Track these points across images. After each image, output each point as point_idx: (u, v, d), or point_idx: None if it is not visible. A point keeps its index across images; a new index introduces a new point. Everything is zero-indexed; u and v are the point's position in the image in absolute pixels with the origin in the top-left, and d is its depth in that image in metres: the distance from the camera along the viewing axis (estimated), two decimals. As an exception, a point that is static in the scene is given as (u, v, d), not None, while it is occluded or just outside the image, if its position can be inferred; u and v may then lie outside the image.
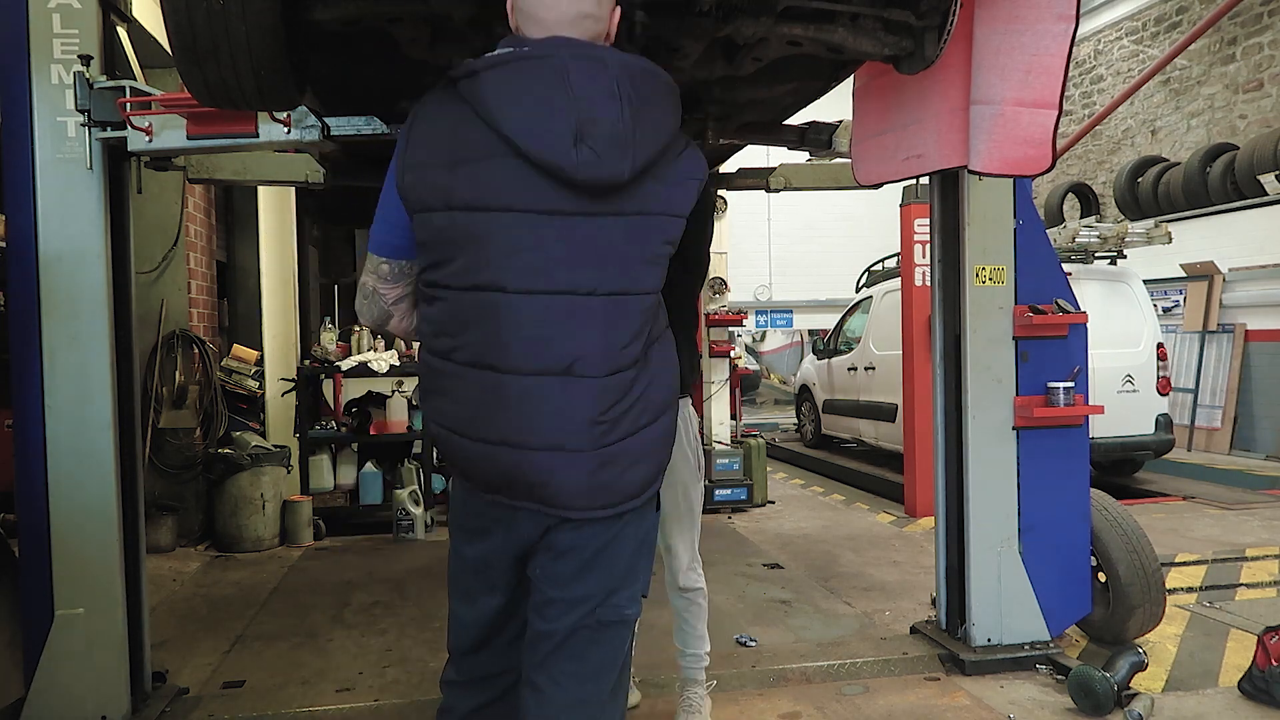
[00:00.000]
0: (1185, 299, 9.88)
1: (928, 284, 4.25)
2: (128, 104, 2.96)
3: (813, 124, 3.74)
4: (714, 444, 7.04)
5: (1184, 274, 9.79)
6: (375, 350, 6.60)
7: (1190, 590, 4.65)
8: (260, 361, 6.81)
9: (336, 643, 4.09)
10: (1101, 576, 3.79)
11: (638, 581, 1.86)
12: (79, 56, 2.95)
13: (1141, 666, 3.29)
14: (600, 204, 1.68)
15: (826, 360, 9.97)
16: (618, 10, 1.81)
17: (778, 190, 4.86)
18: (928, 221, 3.99)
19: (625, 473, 1.76)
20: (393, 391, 6.58)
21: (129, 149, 3.10)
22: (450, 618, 1.97)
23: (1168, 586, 4.12)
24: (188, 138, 3.10)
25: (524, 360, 1.69)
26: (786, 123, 3.78)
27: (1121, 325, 7.38)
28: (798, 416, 11.19)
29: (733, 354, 7.48)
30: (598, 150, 1.62)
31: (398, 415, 6.51)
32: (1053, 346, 3.69)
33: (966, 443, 3.65)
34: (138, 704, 3.18)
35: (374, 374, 6.40)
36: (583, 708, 1.79)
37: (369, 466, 6.59)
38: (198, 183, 4.49)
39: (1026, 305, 3.64)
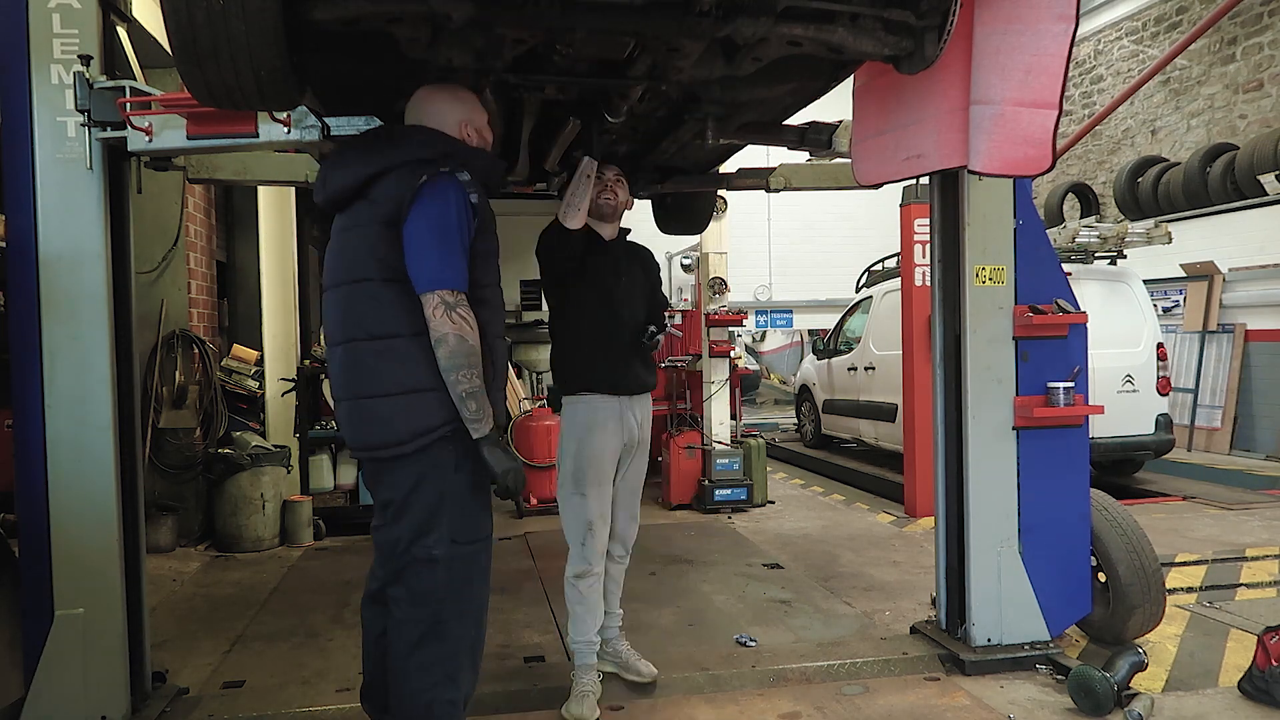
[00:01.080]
0: (1185, 299, 9.88)
1: (928, 284, 4.25)
2: (128, 104, 2.95)
3: (813, 124, 3.74)
4: (714, 444, 7.04)
5: (1184, 274, 9.79)
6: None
7: (1190, 590, 4.65)
8: (260, 361, 6.82)
9: (337, 642, 4.09)
10: (1101, 576, 3.78)
11: (440, 529, 2.37)
12: (79, 56, 2.95)
13: (1141, 666, 3.29)
14: (337, 218, 2.47)
15: (826, 360, 9.97)
16: (467, 125, 2.54)
17: (778, 190, 4.86)
18: (928, 221, 3.98)
19: (371, 426, 2.36)
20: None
21: (129, 149, 3.10)
22: None
23: (1168, 586, 4.12)
24: (188, 138, 3.10)
25: (328, 334, 2.50)
26: (786, 123, 3.78)
27: (1121, 325, 7.37)
28: (798, 416, 11.19)
29: (733, 354, 7.48)
30: (317, 183, 2.53)
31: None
32: (1053, 346, 3.69)
33: (966, 443, 3.65)
34: (138, 704, 3.18)
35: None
36: (414, 625, 2.37)
37: (369, 466, 6.58)
38: (198, 183, 4.49)
39: (1026, 305, 3.64)
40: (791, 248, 12.40)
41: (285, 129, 3.10)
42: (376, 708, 2.60)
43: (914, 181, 6.07)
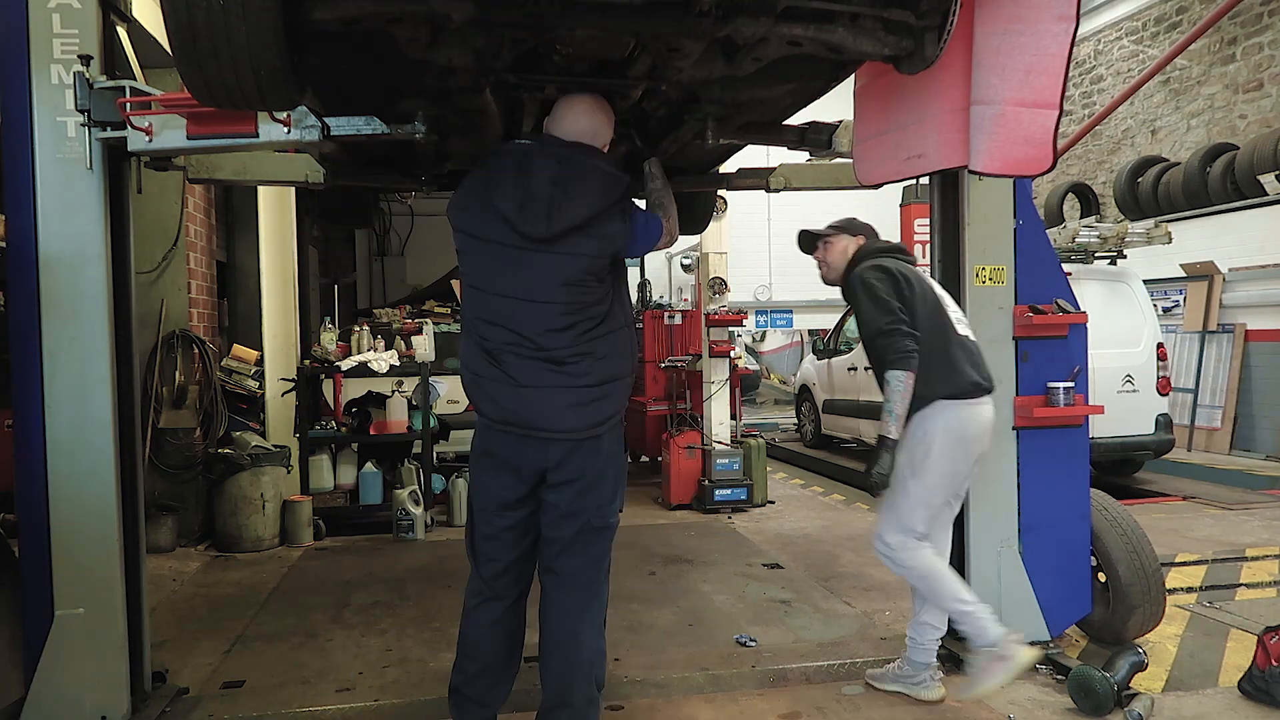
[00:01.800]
0: (1185, 299, 9.88)
1: (928, 284, 4.24)
2: (128, 104, 2.95)
3: (813, 124, 3.74)
4: (714, 444, 7.04)
5: (1184, 274, 9.79)
6: (375, 350, 6.60)
7: (1190, 590, 4.65)
8: (260, 361, 6.81)
9: (336, 643, 4.09)
10: (1101, 576, 3.78)
11: (618, 499, 2.80)
12: (79, 56, 2.95)
13: (1141, 666, 3.29)
14: (537, 244, 2.65)
15: (826, 360, 9.97)
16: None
17: (778, 190, 4.85)
18: (928, 221, 3.98)
19: (579, 411, 2.67)
20: (393, 391, 6.58)
21: (129, 149, 3.10)
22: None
23: (1168, 586, 4.12)
24: (188, 138, 3.09)
25: (496, 334, 2.69)
26: (786, 123, 3.77)
27: (1121, 325, 7.38)
28: (798, 416, 11.19)
29: (733, 354, 7.48)
30: (531, 215, 2.61)
31: (398, 415, 6.50)
32: (1053, 346, 3.69)
33: (966, 443, 3.65)
34: (138, 704, 3.18)
35: (374, 374, 6.40)
36: (584, 589, 2.73)
37: (369, 466, 6.59)
38: (198, 183, 4.48)
39: (1026, 305, 3.64)
40: (792, 248, 12.37)
41: (285, 129, 3.09)
42: (484, 691, 2.82)
43: (914, 181, 6.08)
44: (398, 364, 6.49)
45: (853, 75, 3.13)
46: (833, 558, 5.54)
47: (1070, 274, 4.28)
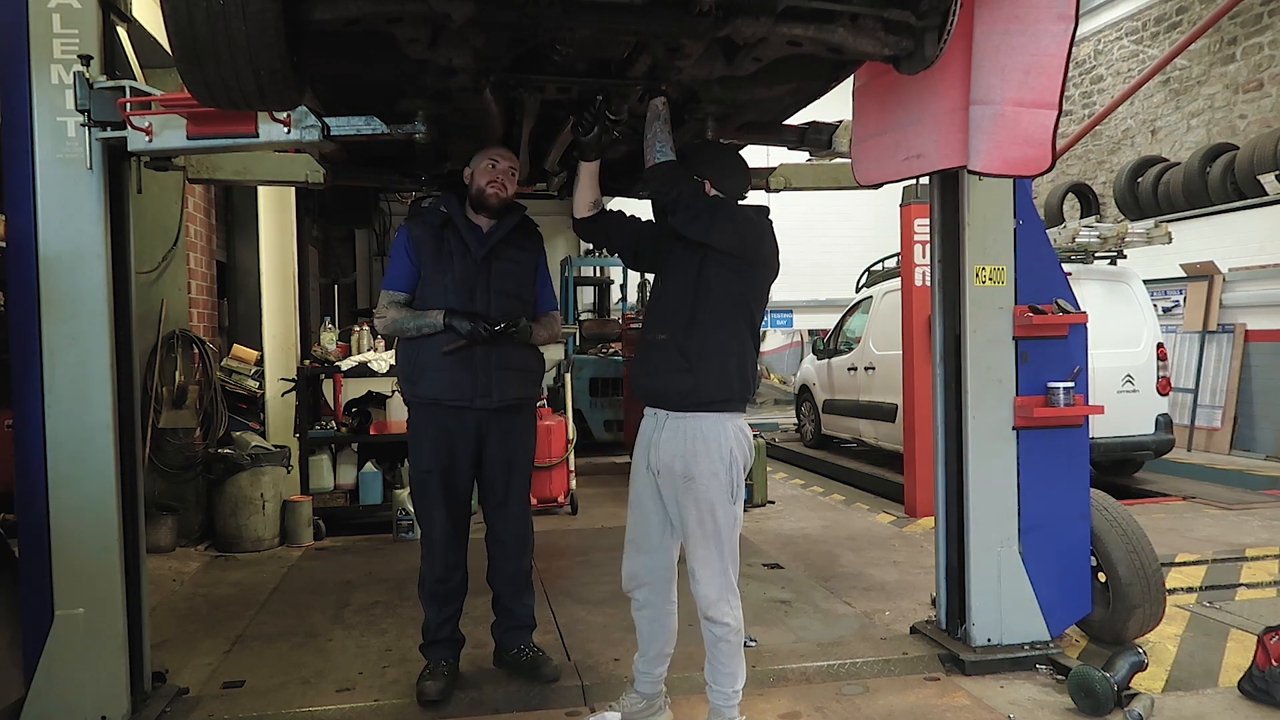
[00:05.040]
0: (1185, 299, 9.88)
1: (928, 284, 4.25)
2: (128, 104, 2.95)
3: (813, 124, 3.74)
4: (714, 444, 7.02)
5: (1184, 274, 9.78)
6: (375, 350, 6.60)
7: (1190, 590, 4.65)
8: (260, 361, 6.82)
9: (336, 643, 4.09)
10: (1101, 576, 3.79)
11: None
12: (79, 56, 2.95)
13: (1141, 666, 3.30)
14: None
15: (826, 360, 9.97)
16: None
17: (778, 190, 4.85)
18: (928, 221, 3.99)
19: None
20: (393, 391, 6.58)
21: (129, 149, 3.10)
22: None
23: (1168, 586, 4.12)
24: (188, 138, 3.09)
25: None
26: (786, 123, 3.78)
27: (1121, 325, 7.37)
28: (798, 416, 11.18)
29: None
30: None
31: (398, 415, 6.50)
32: (1053, 346, 3.69)
33: (966, 443, 3.65)
34: (138, 704, 3.18)
35: (374, 374, 6.40)
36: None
37: (369, 466, 6.58)
38: (198, 183, 4.48)
39: (1026, 305, 3.64)
40: (791, 248, 12.35)
41: (285, 129, 3.09)
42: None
43: (914, 181, 6.07)
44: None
45: (852, 75, 3.14)
46: (833, 558, 5.54)
47: (1070, 274, 4.28)
